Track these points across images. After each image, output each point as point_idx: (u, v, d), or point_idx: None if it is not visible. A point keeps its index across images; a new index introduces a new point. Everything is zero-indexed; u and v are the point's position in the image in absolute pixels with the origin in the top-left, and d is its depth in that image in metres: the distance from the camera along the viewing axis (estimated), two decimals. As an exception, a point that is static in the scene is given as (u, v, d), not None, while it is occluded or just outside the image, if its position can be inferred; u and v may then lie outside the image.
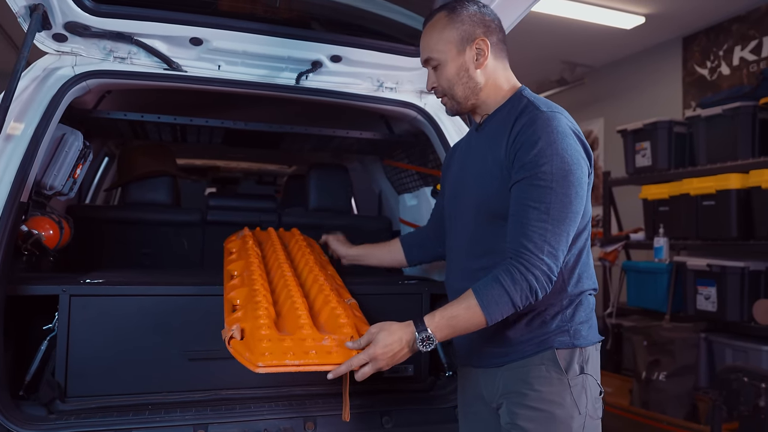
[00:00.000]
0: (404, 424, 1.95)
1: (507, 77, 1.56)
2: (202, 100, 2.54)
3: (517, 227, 1.37)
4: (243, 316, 1.56)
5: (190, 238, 2.74)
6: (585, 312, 1.49)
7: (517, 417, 1.45)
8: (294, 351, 1.39)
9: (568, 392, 1.42)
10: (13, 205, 1.66)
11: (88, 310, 1.81)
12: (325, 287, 1.74)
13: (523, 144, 1.39)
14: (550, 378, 1.43)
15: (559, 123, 1.39)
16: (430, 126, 2.29)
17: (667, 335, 3.80)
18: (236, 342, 1.45)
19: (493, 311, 1.33)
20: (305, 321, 1.51)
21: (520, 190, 1.38)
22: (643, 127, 4.42)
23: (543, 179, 1.34)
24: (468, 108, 1.58)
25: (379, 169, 3.16)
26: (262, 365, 1.35)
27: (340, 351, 1.42)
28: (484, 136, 1.56)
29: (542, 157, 1.35)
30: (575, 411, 1.42)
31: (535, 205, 1.35)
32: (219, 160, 4.35)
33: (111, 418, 1.72)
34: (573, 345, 1.45)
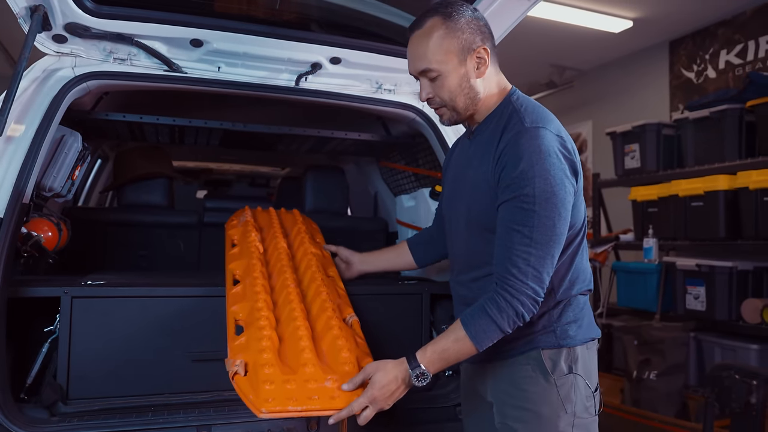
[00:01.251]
0: (406, 424, 1.96)
1: (498, 81, 1.54)
2: (199, 102, 2.54)
3: (502, 251, 1.39)
4: (246, 345, 1.56)
5: (186, 240, 2.73)
6: (574, 312, 1.50)
7: (507, 417, 1.48)
8: (296, 396, 1.40)
9: (554, 392, 1.44)
10: (15, 206, 1.65)
11: (90, 311, 1.80)
12: (327, 304, 1.73)
13: (506, 164, 1.39)
14: (535, 378, 1.45)
15: (542, 140, 1.37)
16: (428, 128, 2.31)
17: (657, 335, 3.85)
18: (240, 379, 1.45)
19: (482, 340, 1.37)
20: (308, 356, 1.51)
21: (505, 213, 1.39)
22: (632, 129, 4.48)
23: (526, 202, 1.35)
24: (466, 118, 1.56)
25: (375, 170, 3.18)
26: (265, 411, 1.36)
27: (342, 395, 1.43)
28: (476, 147, 1.55)
29: (524, 179, 1.35)
30: (561, 410, 1.43)
31: (518, 228, 1.36)
32: (212, 162, 4.33)
33: (113, 420, 1.71)
34: (559, 345, 1.46)
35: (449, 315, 2.25)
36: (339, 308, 1.79)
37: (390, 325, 2.11)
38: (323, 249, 2.17)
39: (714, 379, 3.00)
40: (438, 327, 2.25)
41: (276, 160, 4.27)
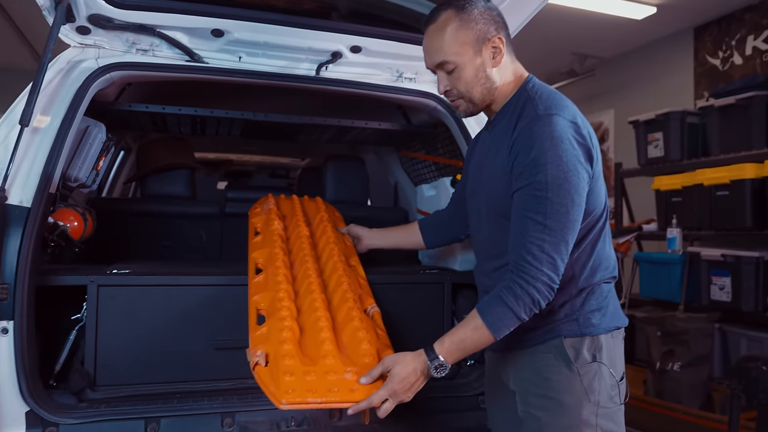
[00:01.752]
0: (429, 413, 1.96)
1: (514, 69, 1.54)
2: (220, 93, 2.55)
3: (517, 238, 1.39)
4: (267, 335, 1.57)
5: (208, 231, 2.75)
6: (597, 300, 1.48)
7: (530, 405, 1.48)
8: (317, 388, 1.41)
9: (577, 380, 1.43)
10: (42, 196, 1.68)
11: (116, 300, 1.83)
12: (348, 295, 1.74)
13: (519, 152, 1.39)
14: (558, 366, 1.44)
15: (555, 127, 1.37)
16: (449, 116, 2.29)
17: (681, 326, 3.80)
18: (261, 369, 1.46)
19: (499, 328, 1.38)
20: (328, 348, 1.52)
21: (519, 200, 1.39)
22: (655, 117, 4.41)
23: (539, 189, 1.35)
24: (482, 108, 1.56)
25: (395, 160, 3.17)
26: (285, 403, 1.37)
27: (362, 388, 1.44)
28: (494, 136, 1.55)
29: (536, 166, 1.35)
30: (585, 399, 1.42)
31: (531, 215, 1.36)
32: (232, 153, 4.36)
33: (140, 407, 1.74)
34: (582, 333, 1.45)
35: (471, 304, 2.22)
36: (360, 298, 1.79)
37: (411, 315, 2.11)
38: (345, 238, 2.18)
39: (740, 371, 2.95)
40: (460, 316, 2.24)
41: (296, 150, 4.28)
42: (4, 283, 1.58)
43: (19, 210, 1.64)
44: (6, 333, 1.58)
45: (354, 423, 1.87)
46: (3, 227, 1.60)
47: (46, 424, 1.63)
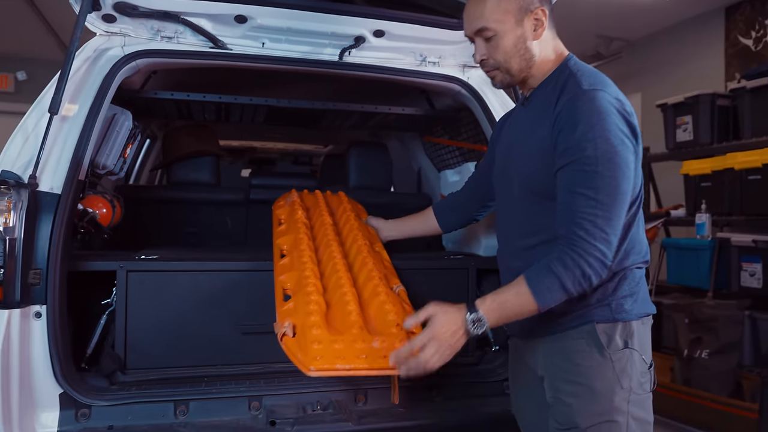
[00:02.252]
0: (453, 398, 1.96)
1: (555, 46, 1.51)
2: (243, 80, 2.56)
3: (567, 215, 1.34)
4: (294, 309, 1.58)
5: (233, 217, 2.78)
6: (630, 285, 1.45)
7: (559, 392, 1.45)
8: (344, 355, 1.41)
9: (609, 367, 1.40)
10: (72, 183, 1.70)
11: (144, 285, 1.86)
12: (373, 274, 1.75)
13: (564, 127, 1.35)
14: (590, 352, 1.41)
15: (600, 102, 1.34)
16: (474, 100, 2.27)
17: (709, 312, 3.73)
18: (288, 340, 1.48)
19: (545, 297, 1.32)
20: (355, 319, 1.52)
21: (566, 177, 1.36)
22: (684, 100, 4.30)
23: (588, 164, 1.31)
24: (519, 81, 1.53)
25: (418, 146, 3.15)
26: (314, 369, 1.38)
27: (389, 355, 1.43)
28: (531, 111, 1.52)
29: (584, 140, 1.32)
30: (617, 386, 1.40)
31: (582, 191, 1.32)
32: (255, 140, 4.38)
33: (169, 389, 1.77)
34: (614, 319, 1.42)
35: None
36: (386, 278, 1.79)
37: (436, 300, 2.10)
38: (368, 227, 2.18)
39: (771, 358, 2.89)
40: (484, 302, 2.23)
41: (319, 137, 4.29)
42: (36, 268, 1.61)
43: (50, 197, 1.67)
44: (39, 317, 1.62)
45: (380, 407, 1.89)
46: (35, 214, 1.63)
47: (79, 406, 1.67)
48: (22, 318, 1.58)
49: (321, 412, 1.81)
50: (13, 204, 1.57)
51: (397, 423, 1.81)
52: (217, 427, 1.72)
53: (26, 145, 1.70)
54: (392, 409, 1.85)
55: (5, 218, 1.55)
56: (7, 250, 1.54)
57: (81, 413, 1.68)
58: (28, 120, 1.75)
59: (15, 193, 1.58)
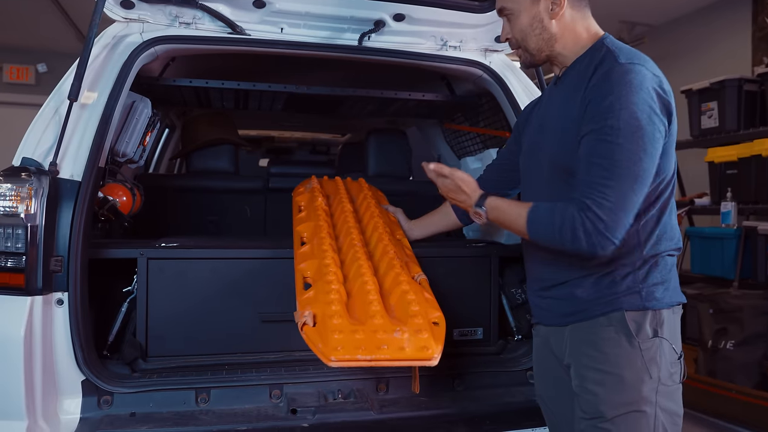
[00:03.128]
0: (475, 387, 1.94)
1: (587, 26, 1.48)
2: (262, 68, 2.54)
3: (582, 186, 1.31)
4: (314, 298, 1.56)
5: (252, 206, 2.77)
6: (661, 273, 1.41)
7: (586, 380, 1.41)
8: (366, 345, 1.39)
9: (638, 356, 1.36)
10: (92, 170, 1.70)
11: (165, 272, 1.85)
12: (395, 262, 1.72)
13: (594, 97, 1.32)
14: (618, 340, 1.37)
15: (636, 75, 1.30)
16: (496, 85, 2.22)
17: (735, 303, 3.65)
18: (309, 329, 1.45)
19: (535, 229, 1.38)
20: (376, 308, 1.50)
21: (587, 145, 1.32)
22: (709, 86, 4.20)
23: (609, 134, 1.27)
24: (542, 60, 1.52)
25: (438, 133, 3.11)
26: (334, 359, 1.35)
27: (412, 346, 1.41)
28: (563, 89, 1.49)
29: (610, 110, 1.28)
30: (646, 375, 1.36)
31: (599, 161, 1.28)
32: (273, 130, 4.36)
33: (190, 377, 1.77)
34: (644, 307, 1.38)
35: (518, 278, 2.19)
36: (407, 266, 1.77)
37: (458, 289, 2.08)
38: (389, 213, 2.15)
39: (800, 349, 2.82)
40: (507, 291, 2.20)
41: (336, 126, 4.26)
42: (58, 256, 1.61)
43: (71, 184, 1.66)
44: (61, 304, 1.62)
45: (401, 396, 1.87)
46: (55, 201, 1.62)
47: (102, 393, 1.68)
48: (45, 305, 1.58)
49: (342, 401, 1.80)
50: (34, 191, 1.56)
51: (418, 412, 1.79)
52: (238, 415, 1.71)
53: (46, 133, 1.70)
54: (414, 398, 1.83)
55: (26, 205, 1.55)
56: (28, 237, 1.54)
57: (103, 400, 1.68)
58: (48, 107, 1.74)
59: (36, 181, 1.57)
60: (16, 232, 1.54)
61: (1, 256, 1.54)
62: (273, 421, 1.69)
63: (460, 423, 1.76)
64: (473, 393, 1.92)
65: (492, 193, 1.54)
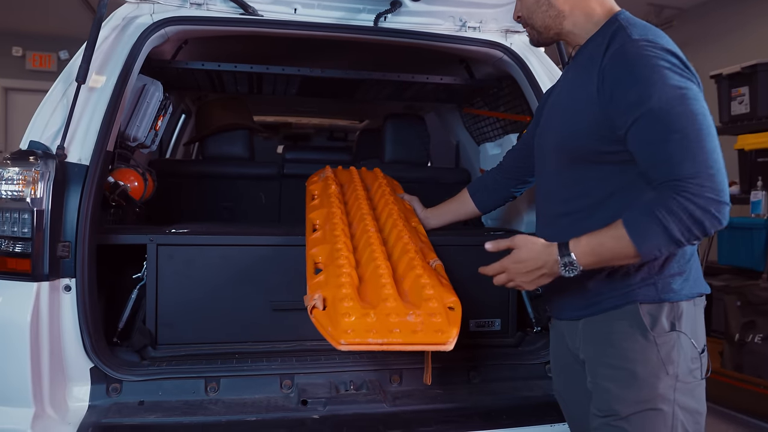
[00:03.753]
0: (492, 380, 1.88)
1: (601, 2, 1.40)
2: (277, 50, 2.49)
3: (658, 167, 1.20)
4: (325, 282, 1.51)
5: (267, 192, 2.73)
6: (679, 263, 1.33)
7: (599, 376, 1.34)
8: (377, 328, 1.33)
9: (653, 351, 1.29)
10: (101, 154, 1.66)
11: (175, 259, 1.82)
12: (409, 247, 1.66)
13: (619, 80, 1.23)
14: (632, 334, 1.30)
15: (653, 50, 1.23)
16: (517, 67, 2.13)
17: (763, 295, 3.54)
18: (318, 312, 1.41)
19: (645, 242, 1.17)
20: (389, 292, 1.45)
21: (640, 132, 1.22)
22: (740, 70, 4.05)
23: (660, 112, 1.19)
24: (551, 38, 1.46)
25: (456, 118, 3.03)
26: (344, 343, 1.30)
27: (426, 329, 1.35)
28: (576, 69, 1.41)
29: (648, 86, 1.20)
30: (662, 371, 1.28)
31: (667, 136, 1.18)
32: (290, 116, 4.32)
33: (200, 366, 1.74)
34: (660, 299, 1.30)
35: (538, 268, 2.12)
36: (422, 251, 1.71)
37: (475, 279, 2.01)
38: (404, 201, 2.10)
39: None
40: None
41: (354, 112, 4.20)
42: (65, 241, 1.58)
43: (78, 168, 1.63)
44: (69, 290, 1.59)
45: (415, 388, 1.82)
46: (63, 185, 1.59)
47: (110, 381, 1.65)
48: (52, 291, 1.56)
49: (354, 392, 1.76)
50: (41, 175, 1.53)
51: (432, 405, 1.74)
52: (248, 405, 1.67)
53: (54, 116, 1.67)
54: (428, 390, 1.78)
55: (33, 190, 1.52)
56: (35, 222, 1.51)
57: (112, 388, 1.66)
58: (56, 90, 1.71)
59: (43, 164, 1.54)
60: (23, 216, 1.51)
61: (8, 241, 1.51)
62: (283, 412, 1.65)
63: (475, 417, 1.70)
64: (490, 386, 1.86)
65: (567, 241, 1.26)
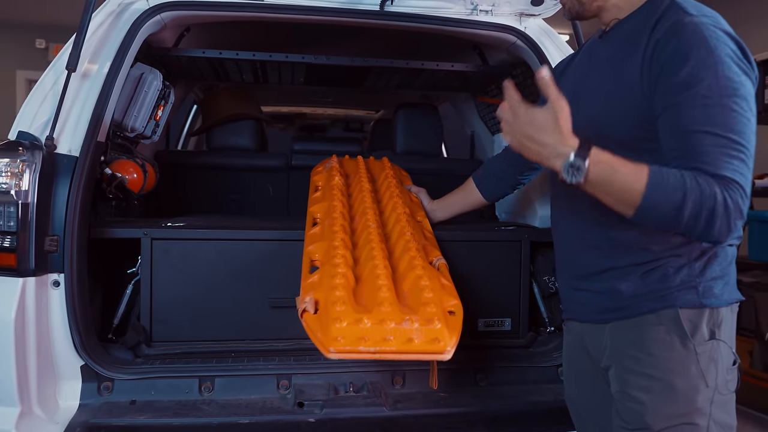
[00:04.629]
0: (500, 383, 1.79)
1: None
2: (282, 40, 2.41)
3: (689, 159, 1.08)
4: (319, 282, 1.43)
5: (275, 184, 2.66)
6: (721, 266, 1.22)
7: (629, 385, 1.23)
8: (370, 335, 1.25)
9: (693, 360, 1.18)
10: (90, 144, 1.60)
11: (170, 253, 1.76)
12: (411, 245, 1.57)
13: (669, 58, 1.11)
14: (670, 342, 1.19)
15: (713, 29, 1.10)
16: (531, 53, 2.01)
17: (797, 293, 3.37)
18: (309, 316, 1.33)
19: (655, 195, 1.03)
20: (385, 295, 1.35)
21: (679, 115, 1.10)
22: (777, 57, 3.85)
23: (709, 96, 1.07)
24: (593, 11, 1.30)
25: (471, 107, 2.92)
26: (333, 351, 1.21)
27: (422, 337, 1.26)
28: (611, 47, 1.28)
29: (702, 69, 1.07)
30: (701, 383, 1.18)
31: (707, 128, 1.06)
32: (305, 106, 4.25)
33: (195, 365, 1.68)
34: (702, 304, 1.19)
35: (552, 265, 2.00)
36: (424, 249, 1.62)
37: (483, 276, 1.92)
38: (411, 194, 2.01)
39: None
40: (539, 278, 2.02)
41: (370, 102, 4.11)
42: (53, 235, 1.53)
43: (68, 159, 1.58)
44: (57, 286, 1.54)
45: (418, 391, 1.74)
46: (51, 177, 1.54)
47: (102, 379, 1.60)
48: (39, 287, 1.51)
49: (354, 395, 1.68)
50: (27, 166, 1.48)
51: (435, 409, 1.65)
52: (242, 406, 1.61)
53: (44, 106, 1.61)
54: (432, 393, 1.70)
55: (18, 182, 1.46)
56: (20, 215, 1.46)
57: (104, 386, 1.61)
58: (47, 78, 1.65)
59: (29, 156, 1.49)
60: (8, 209, 1.46)
61: (-8, 234, 1.47)
62: (277, 415, 1.58)
63: (481, 423, 1.61)
64: (498, 389, 1.76)
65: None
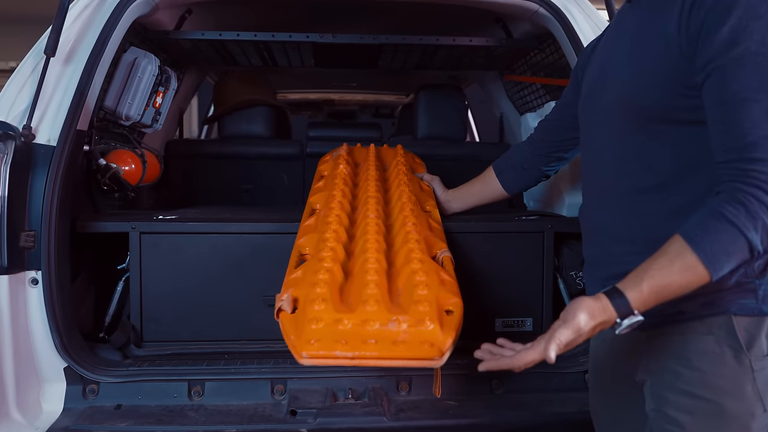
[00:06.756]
0: (518, 391, 1.60)
1: None
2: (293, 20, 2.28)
3: (731, 133, 0.92)
4: (302, 278, 1.29)
5: (290, 173, 2.54)
6: None
7: (667, 404, 1.04)
8: (349, 338, 1.10)
9: (748, 378, 0.99)
10: (69, 133, 1.50)
11: (160, 248, 1.66)
12: (411, 236, 1.41)
13: (711, 10, 0.93)
14: (721, 355, 1.00)
15: None
16: (557, 22, 1.80)
17: None
18: (285, 316, 1.19)
19: (720, 263, 0.90)
20: (371, 292, 1.19)
21: (724, 81, 0.93)
22: None
23: (762, 53, 0.90)
24: None
25: (499, 87, 2.71)
26: (306, 356, 1.07)
27: (410, 340, 1.09)
28: (642, 10, 1.10)
29: (751, 21, 0.90)
30: (758, 407, 0.99)
31: (754, 96, 0.90)
32: (332, 92, 4.11)
33: (185, 367, 1.58)
34: (761, 312, 1.00)
35: (579, 259, 1.79)
36: (427, 241, 1.45)
37: (502, 271, 1.73)
38: (423, 182, 1.84)
39: None
40: (565, 274, 1.81)
41: (398, 85, 3.93)
42: (29, 230, 1.44)
43: (45, 149, 1.48)
44: (36, 284, 1.46)
45: (425, 398, 1.57)
46: (27, 169, 1.45)
47: (87, 382, 1.52)
48: (14, 285, 1.42)
49: (352, 402, 1.53)
50: (-2, 157, 1.39)
51: (441, 420, 1.49)
52: (232, 413, 1.49)
53: (22, 93, 1.52)
54: (440, 402, 1.53)
55: (-12, 174, 1.38)
56: (-10, 210, 1.38)
57: (89, 389, 1.52)
58: (26, 64, 1.56)
59: (1, 145, 1.40)
60: (-23, 204, 1.38)
61: (-39, 231, 1.39)
62: (267, 423, 1.45)
63: None
64: (515, 398, 1.58)
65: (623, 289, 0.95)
